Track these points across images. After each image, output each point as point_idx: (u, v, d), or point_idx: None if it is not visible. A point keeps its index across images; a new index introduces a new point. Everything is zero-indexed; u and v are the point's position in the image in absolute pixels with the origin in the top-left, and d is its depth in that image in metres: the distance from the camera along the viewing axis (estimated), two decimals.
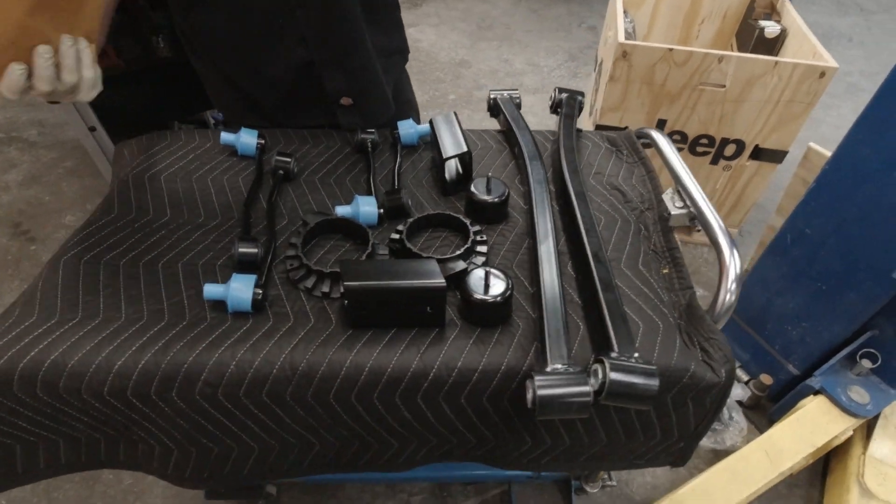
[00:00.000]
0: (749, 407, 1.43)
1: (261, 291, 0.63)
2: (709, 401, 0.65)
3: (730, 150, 1.60)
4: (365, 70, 0.91)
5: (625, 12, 1.86)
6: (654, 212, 0.82)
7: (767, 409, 1.42)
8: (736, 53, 1.41)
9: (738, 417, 1.32)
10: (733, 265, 0.66)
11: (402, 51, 1.03)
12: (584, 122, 2.55)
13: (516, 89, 1.00)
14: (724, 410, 1.31)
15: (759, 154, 1.59)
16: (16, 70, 0.54)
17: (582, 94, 0.99)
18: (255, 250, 0.68)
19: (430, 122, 0.85)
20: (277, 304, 0.66)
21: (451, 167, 0.81)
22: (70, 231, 2.03)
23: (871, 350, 1.22)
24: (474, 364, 0.60)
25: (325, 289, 0.67)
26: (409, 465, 0.71)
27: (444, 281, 0.59)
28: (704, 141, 1.59)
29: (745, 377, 1.45)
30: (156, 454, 0.67)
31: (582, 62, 2.97)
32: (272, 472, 0.70)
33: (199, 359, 0.59)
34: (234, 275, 0.64)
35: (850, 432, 1.21)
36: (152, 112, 1.61)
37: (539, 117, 2.53)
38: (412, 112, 1.13)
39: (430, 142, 0.88)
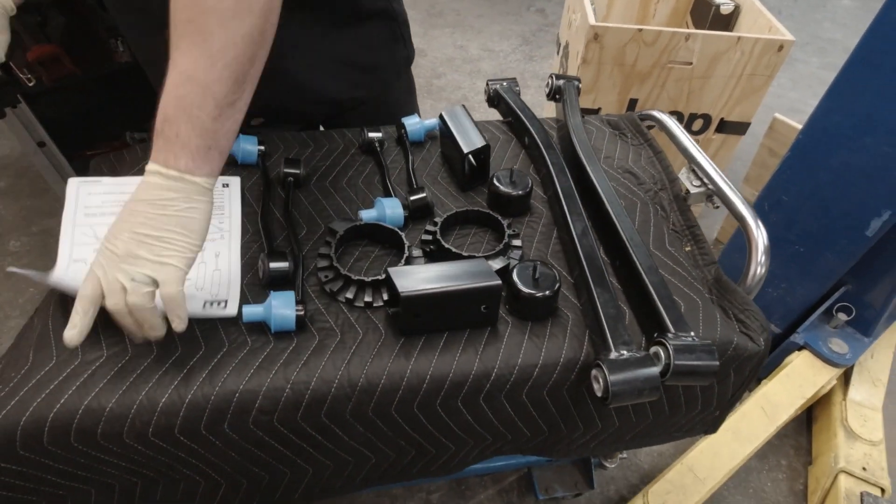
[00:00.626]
0: None
1: (302, 308, 0.60)
2: (748, 369, 0.68)
3: (697, 124, 1.66)
4: (278, 93, 0.85)
5: None
6: (667, 192, 0.84)
7: None
8: (702, 31, 1.46)
9: None
10: (761, 237, 0.69)
11: (380, 67, 0.96)
12: (552, 107, 2.56)
13: (514, 78, 0.99)
14: None
15: (724, 127, 1.66)
16: None
17: (578, 79, 0.99)
18: (286, 265, 0.65)
19: (441, 117, 0.83)
20: (319, 319, 0.63)
21: (470, 161, 0.80)
22: (17, 258, 1.87)
23: (846, 304, 1.32)
24: (534, 359, 0.60)
25: (368, 298, 0.64)
26: (462, 467, 0.71)
27: (499, 280, 0.58)
28: (674, 117, 1.65)
29: None
30: (200, 490, 0.63)
31: (535, 45, 3.00)
32: (324, 492, 0.68)
33: (249, 386, 0.56)
34: (273, 293, 0.61)
35: (834, 381, 1.31)
36: (105, 122, 1.49)
37: None
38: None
39: (441, 137, 0.87)
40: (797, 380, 1.29)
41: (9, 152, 2.24)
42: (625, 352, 0.56)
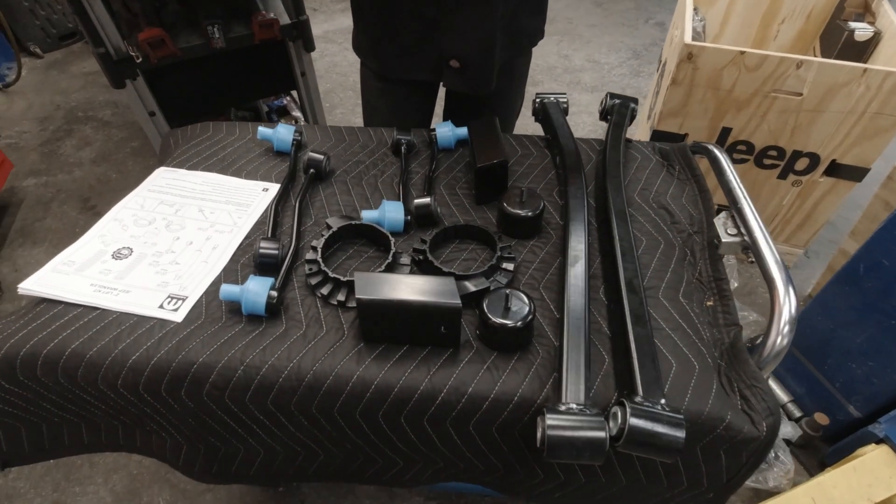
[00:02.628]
0: (799, 446, 1.31)
1: (276, 295, 0.62)
2: (745, 455, 0.58)
3: (801, 164, 1.46)
4: (482, 41, 0.92)
5: (695, 9, 1.73)
6: (703, 236, 0.75)
7: (821, 451, 1.30)
8: (818, 59, 1.27)
9: (785, 457, 1.21)
10: (788, 305, 0.59)
11: (531, 34, 1.05)
12: (642, 128, 2.44)
13: (564, 93, 0.94)
14: None
15: (835, 170, 1.44)
16: None
17: (636, 100, 0.92)
18: (275, 252, 0.68)
19: (468, 127, 0.82)
20: (292, 309, 0.65)
21: (486, 176, 0.77)
22: None
23: None
24: (486, 392, 0.57)
25: (342, 297, 0.65)
26: (416, 483, 0.69)
27: (459, 301, 0.56)
28: (773, 153, 1.46)
29: (797, 413, 1.33)
30: (168, 446, 0.68)
31: (646, 60, 2.82)
32: (277, 476, 0.70)
33: (208, 360, 0.59)
34: (251, 276, 0.63)
35: None
36: (209, 100, 1.66)
37: (595, 117, 2.42)
38: (517, 102, 1.19)
39: (469, 146, 0.85)
40: (867, 477, 1.08)
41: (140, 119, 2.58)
42: (574, 405, 0.51)
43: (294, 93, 2.00)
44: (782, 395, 1.38)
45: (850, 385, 1.22)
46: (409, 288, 0.57)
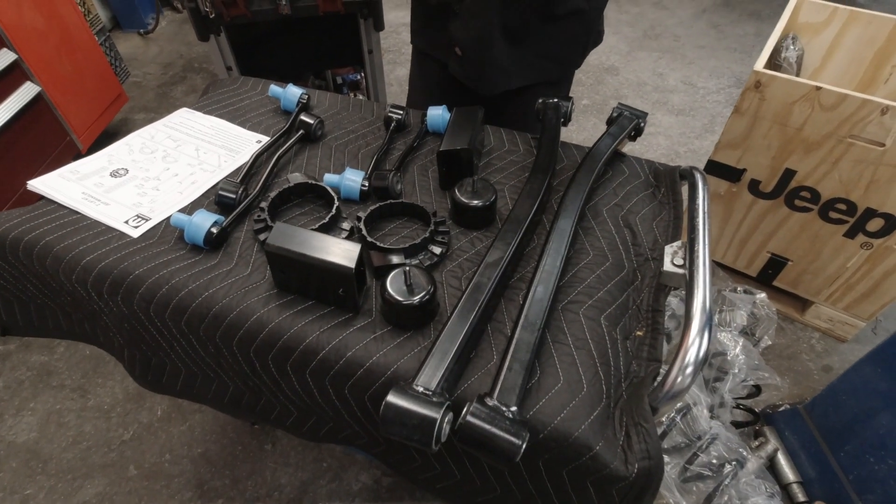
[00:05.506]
0: None
1: (215, 231, 0.68)
2: (617, 494, 0.54)
3: (875, 224, 1.27)
4: (479, 33, 0.95)
5: (793, 37, 1.57)
6: (658, 263, 0.69)
7: None
8: None
9: None
10: (696, 347, 0.54)
11: (551, 57, 1.05)
12: (702, 155, 2.27)
13: (570, 97, 0.90)
14: None
15: None
16: None
17: (645, 115, 0.87)
18: (233, 195, 0.73)
19: (453, 111, 0.82)
20: (232, 247, 0.70)
21: (449, 161, 0.77)
22: None
23: None
24: (363, 359, 0.58)
25: None
26: (314, 437, 0.72)
27: (352, 265, 0.58)
28: (842, 206, 1.29)
29: (801, 497, 1.18)
30: (115, 344, 0.77)
31: None
32: (199, 397, 0.76)
33: (142, 273, 0.66)
34: (200, 210, 0.69)
35: None
36: (285, 63, 1.79)
37: (671, 140, 2.28)
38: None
39: None
40: None
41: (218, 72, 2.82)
42: (421, 388, 0.51)
43: None
44: (790, 474, 1.23)
45: (864, 480, 1.06)
46: (314, 245, 0.60)
